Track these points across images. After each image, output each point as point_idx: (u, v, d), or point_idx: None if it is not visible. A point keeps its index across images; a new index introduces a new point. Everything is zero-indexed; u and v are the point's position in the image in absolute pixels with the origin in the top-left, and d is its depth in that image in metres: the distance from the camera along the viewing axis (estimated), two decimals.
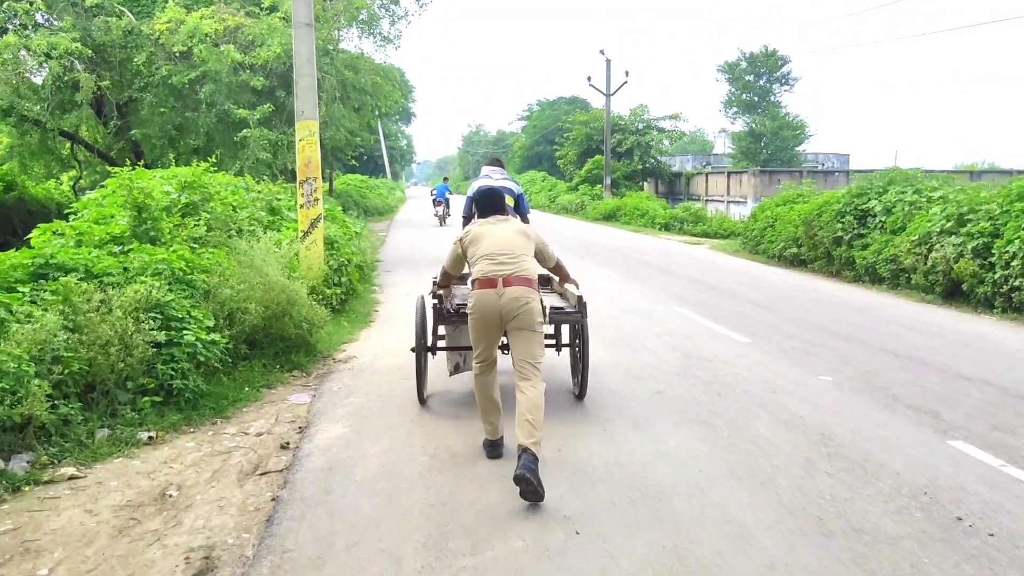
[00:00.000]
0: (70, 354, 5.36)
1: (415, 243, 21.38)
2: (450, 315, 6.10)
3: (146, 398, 5.72)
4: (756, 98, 51.14)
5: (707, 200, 32.36)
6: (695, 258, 17.87)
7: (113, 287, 6.17)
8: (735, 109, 52.23)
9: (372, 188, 42.73)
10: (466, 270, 5.64)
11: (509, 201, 7.22)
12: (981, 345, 8.35)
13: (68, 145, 19.18)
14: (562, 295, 6.95)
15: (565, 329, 7.06)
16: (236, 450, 5.31)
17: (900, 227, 13.05)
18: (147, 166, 14.46)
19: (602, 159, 37.92)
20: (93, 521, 4.21)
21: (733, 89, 51.90)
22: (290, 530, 4.06)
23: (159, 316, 6.04)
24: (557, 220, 34.38)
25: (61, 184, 22.92)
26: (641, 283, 13.09)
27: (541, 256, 5.37)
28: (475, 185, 7.32)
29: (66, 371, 5.31)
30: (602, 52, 36.36)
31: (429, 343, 6.39)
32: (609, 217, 32.16)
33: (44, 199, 21.00)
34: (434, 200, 29.56)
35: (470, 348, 5.83)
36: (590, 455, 5.00)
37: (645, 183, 39.47)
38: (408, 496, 4.40)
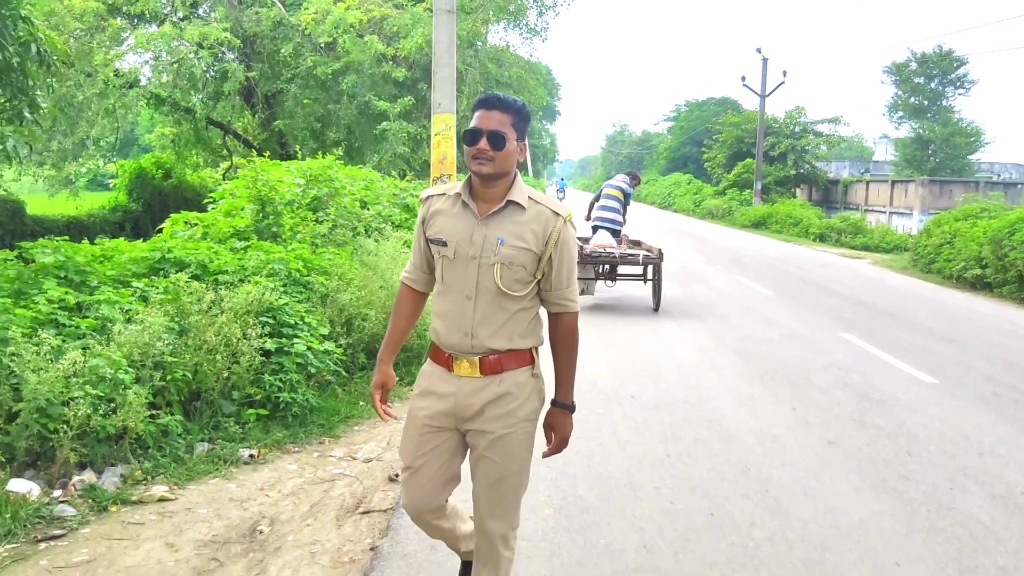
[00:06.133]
0: (174, 359, 4.93)
1: None
2: (586, 258, 10.29)
3: (251, 411, 5.24)
4: (926, 102, 47.21)
5: (866, 210, 29.95)
6: (858, 274, 16.24)
7: (227, 287, 5.76)
8: (901, 113, 48.44)
9: None
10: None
11: (619, 195, 11.06)
12: None
13: (220, 135, 19.63)
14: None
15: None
16: (340, 478, 4.72)
17: None
18: (290, 157, 14.47)
19: (753, 163, 36.00)
20: (172, 559, 3.69)
21: (900, 92, 48.07)
22: None
23: (270, 321, 5.56)
24: (702, 225, 32.89)
25: (217, 173, 23.70)
26: (799, 303, 11.82)
27: None
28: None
29: (169, 378, 4.89)
30: (758, 51, 34.50)
31: None
32: (758, 224, 30.38)
33: (200, 187, 21.68)
34: (558, 188, 52.79)
35: (591, 279, 10.95)
36: (751, 525, 4.07)
37: (798, 190, 37.17)
38: (528, 563, 3.64)
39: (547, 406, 2.76)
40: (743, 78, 35.20)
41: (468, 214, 2.60)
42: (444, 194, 2.69)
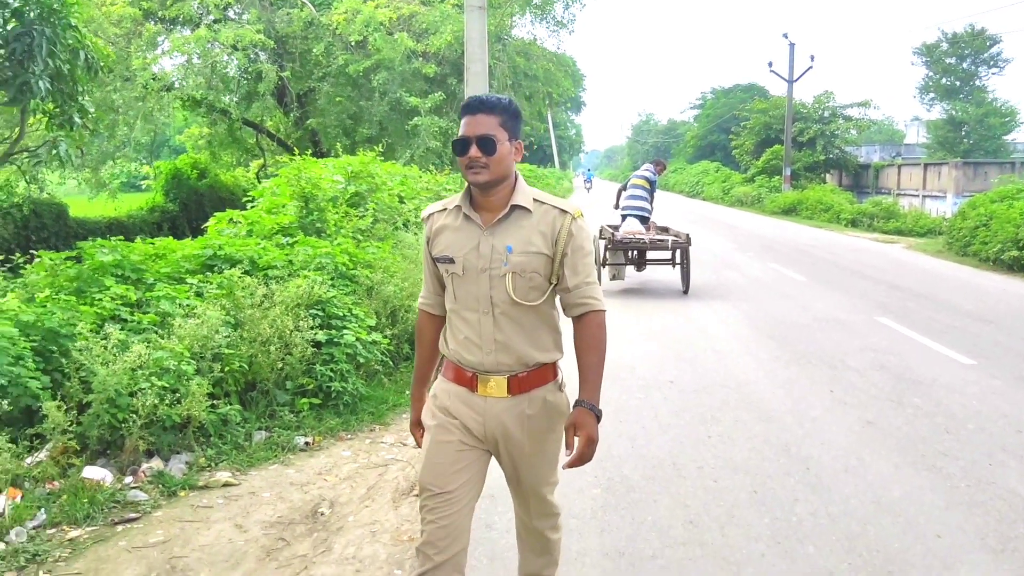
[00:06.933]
0: (231, 351, 5.15)
1: None
2: (617, 244, 10.95)
3: (304, 400, 5.46)
4: (958, 82, 46.49)
5: (898, 194, 29.65)
6: (891, 259, 16.18)
7: (277, 281, 5.98)
8: (932, 95, 47.79)
9: (540, 178, 42.55)
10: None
11: (645, 184, 11.57)
12: None
13: (253, 135, 19.96)
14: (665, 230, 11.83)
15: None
16: (393, 463, 4.92)
17: None
18: (323, 155, 14.72)
19: (781, 149, 35.77)
20: (242, 539, 3.91)
21: (931, 73, 47.45)
22: None
23: (320, 313, 5.77)
24: (732, 213, 32.77)
25: (249, 172, 24.06)
26: (832, 287, 11.84)
27: None
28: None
29: (226, 369, 5.12)
30: (785, 36, 34.27)
31: (601, 260, 11.08)
32: (788, 211, 30.20)
33: (233, 186, 22.02)
34: (585, 179, 56.74)
35: (622, 264, 11.51)
36: (794, 501, 4.20)
37: (828, 175, 36.85)
38: (580, 540, 3.80)
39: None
40: (770, 64, 35.03)
41: (472, 225, 2.45)
42: (445, 209, 2.55)
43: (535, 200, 2.46)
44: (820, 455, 4.85)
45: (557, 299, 2.55)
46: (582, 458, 2.43)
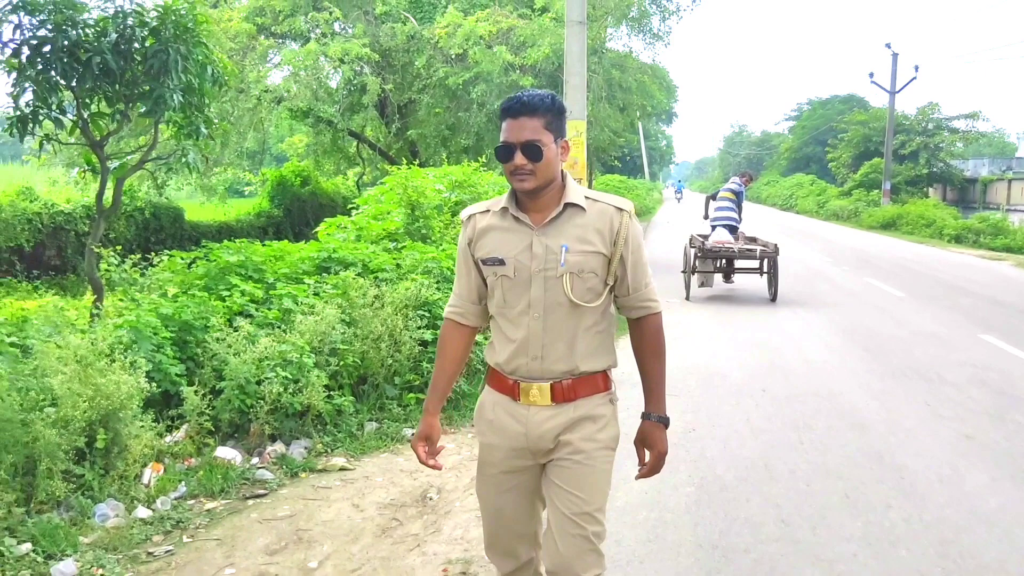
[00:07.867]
0: (345, 347, 5.55)
1: (671, 246, 20.72)
2: (707, 253, 11.41)
3: (411, 394, 5.81)
4: None
5: (1008, 209, 28.51)
6: (998, 275, 15.65)
7: (386, 283, 6.36)
8: None
9: (630, 189, 42.57)
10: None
11: (732, 196, 12.10)
12: None
13: (354, 144, 20.78)
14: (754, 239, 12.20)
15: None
16: None
17: None
18: (421, 165, 15.24)
19: (881, 162, 34.82)
20: (359, 517, 4.26)
21: None
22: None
23: (426, 314, 6.12)
24: (827, 227, 32.06)
25: (347, 180, 24.97)
26: (932, 302, 11.60)
27: None
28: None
29: (341, 363, 5.51)
30: (888, 46, 33.34)
31: (691, 268, 11.59)
32: (888, 226, 29.36)
33: (332, 193, 22.92)
34: (675, 190, 63.38)
35: (710, 272, 11.90)
36: (886, 507, 4.28)
37: (930, 189, 35.67)
38: (674, 532, 4.00)
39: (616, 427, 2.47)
40: (871, 74, 34.19)
41: (522, 226, 2.33)
42: (488, 210, 2.42)
43: (587, 198, 2.35)
44: (914, 464, 4.90)
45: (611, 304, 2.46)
46: (652, 471, 2.47)
